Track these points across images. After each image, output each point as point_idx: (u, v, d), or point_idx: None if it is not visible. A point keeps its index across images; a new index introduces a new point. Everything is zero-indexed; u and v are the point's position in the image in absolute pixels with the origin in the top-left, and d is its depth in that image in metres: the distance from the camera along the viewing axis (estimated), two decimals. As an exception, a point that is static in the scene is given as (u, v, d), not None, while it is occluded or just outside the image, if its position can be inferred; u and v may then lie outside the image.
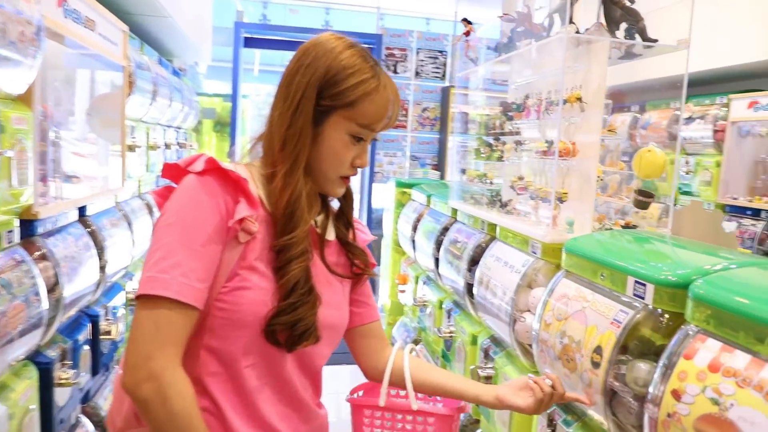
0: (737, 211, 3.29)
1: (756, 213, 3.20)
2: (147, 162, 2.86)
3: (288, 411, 1.00)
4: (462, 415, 1.62)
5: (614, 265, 1.23)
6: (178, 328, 0.86)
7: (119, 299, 2.22)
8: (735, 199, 3.30)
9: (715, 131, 3.46)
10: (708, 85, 3.98)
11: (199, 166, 0.91)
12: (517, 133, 1.89)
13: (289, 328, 0.93)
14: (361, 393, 1.31)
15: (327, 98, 0.97)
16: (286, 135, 0.97)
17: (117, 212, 2.34)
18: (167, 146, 3.25)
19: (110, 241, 2.09)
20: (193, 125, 4.49)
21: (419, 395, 1.23)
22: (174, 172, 0.95)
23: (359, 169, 1.05)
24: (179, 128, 3.85)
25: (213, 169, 0.92)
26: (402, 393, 1.21)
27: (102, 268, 1.96)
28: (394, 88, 1.01)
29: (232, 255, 0.91)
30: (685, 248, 1.30)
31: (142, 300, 0.86)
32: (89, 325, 1.85)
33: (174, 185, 0.95)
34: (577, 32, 1.54)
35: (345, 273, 1.09)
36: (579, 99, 1.47)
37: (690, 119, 3.60)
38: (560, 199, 1.54)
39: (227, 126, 5.49)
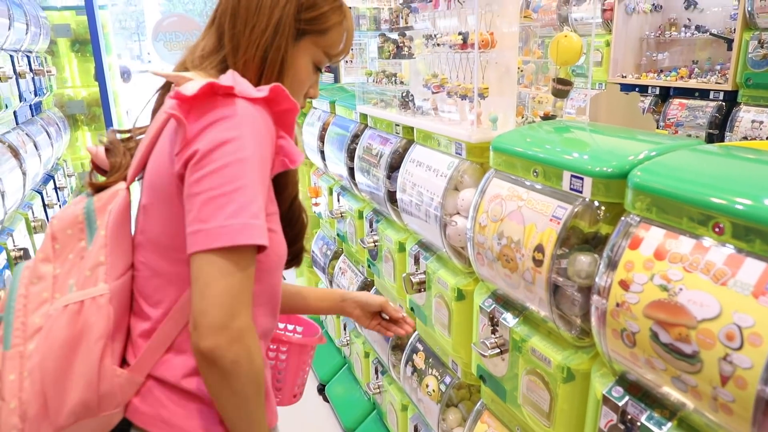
0: (627, 89, 3.44)
1: (644, 89, 3.36)
2: (-2, 96, 2.42)
3: (273, 322, 0.98)
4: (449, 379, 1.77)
5: (548, 161, 1.20)
6: (253, 278, 0.78)
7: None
8: (624, 77, 3.44)
9: (604, 10, 3.52)
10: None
11: (258, 92, 0.79)
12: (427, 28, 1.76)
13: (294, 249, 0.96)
14: None
15: (303, 21, 0.89)
16: (267, 58, 0.87)
17: (-27, 161, 1.98)
18: (20, 75, 2.77)
19: (-28, 196, 1.78)
20: (46, 47, 3.86)
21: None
22: (216, 95, 0.77)
23: None
24: (30, 52, 3.29)
25: (274, 98, 0.80)
26: None
27: (-31, 230, 1.67)
28: (351, 18, 0.98)
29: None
30: (611, 136, 1.29)
31: (229, 250, 0.74)
32: (-32, 297, 1.60)
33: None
34: None
35: None
36: (494, -16, 1.36)
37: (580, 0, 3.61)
38: (481, 95, 1.47)
39: (88, 44, 4.77)
